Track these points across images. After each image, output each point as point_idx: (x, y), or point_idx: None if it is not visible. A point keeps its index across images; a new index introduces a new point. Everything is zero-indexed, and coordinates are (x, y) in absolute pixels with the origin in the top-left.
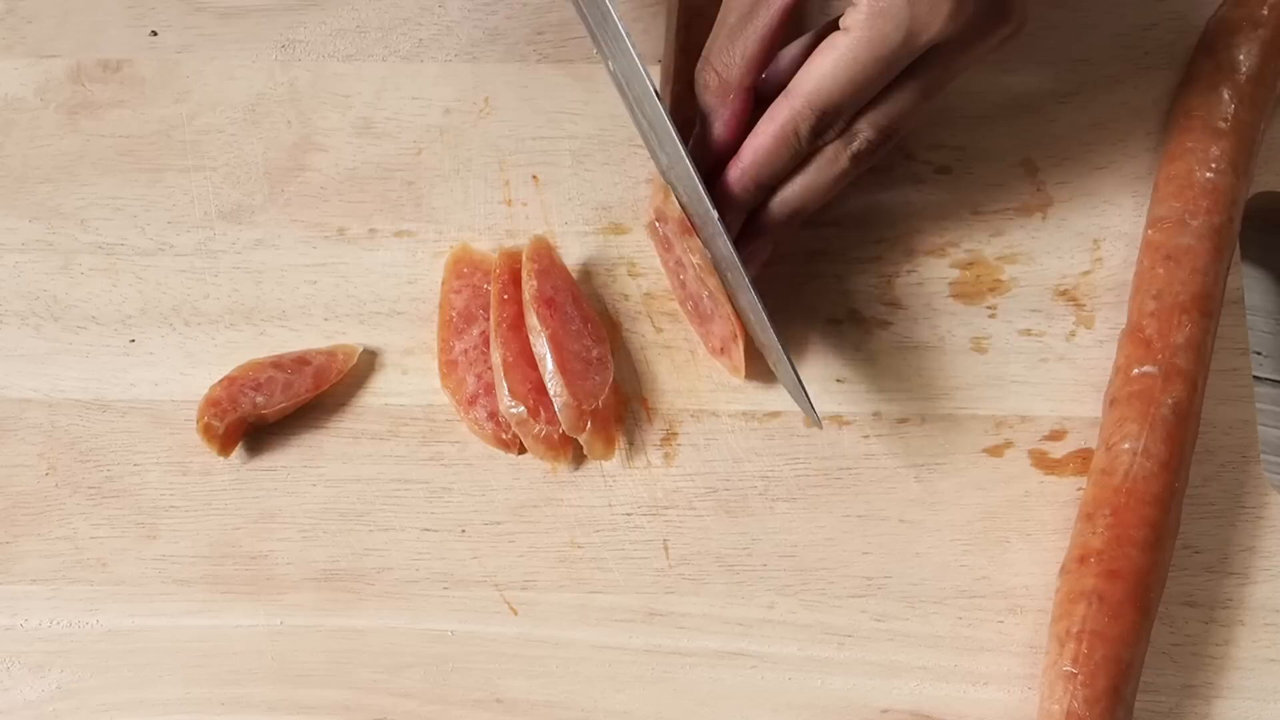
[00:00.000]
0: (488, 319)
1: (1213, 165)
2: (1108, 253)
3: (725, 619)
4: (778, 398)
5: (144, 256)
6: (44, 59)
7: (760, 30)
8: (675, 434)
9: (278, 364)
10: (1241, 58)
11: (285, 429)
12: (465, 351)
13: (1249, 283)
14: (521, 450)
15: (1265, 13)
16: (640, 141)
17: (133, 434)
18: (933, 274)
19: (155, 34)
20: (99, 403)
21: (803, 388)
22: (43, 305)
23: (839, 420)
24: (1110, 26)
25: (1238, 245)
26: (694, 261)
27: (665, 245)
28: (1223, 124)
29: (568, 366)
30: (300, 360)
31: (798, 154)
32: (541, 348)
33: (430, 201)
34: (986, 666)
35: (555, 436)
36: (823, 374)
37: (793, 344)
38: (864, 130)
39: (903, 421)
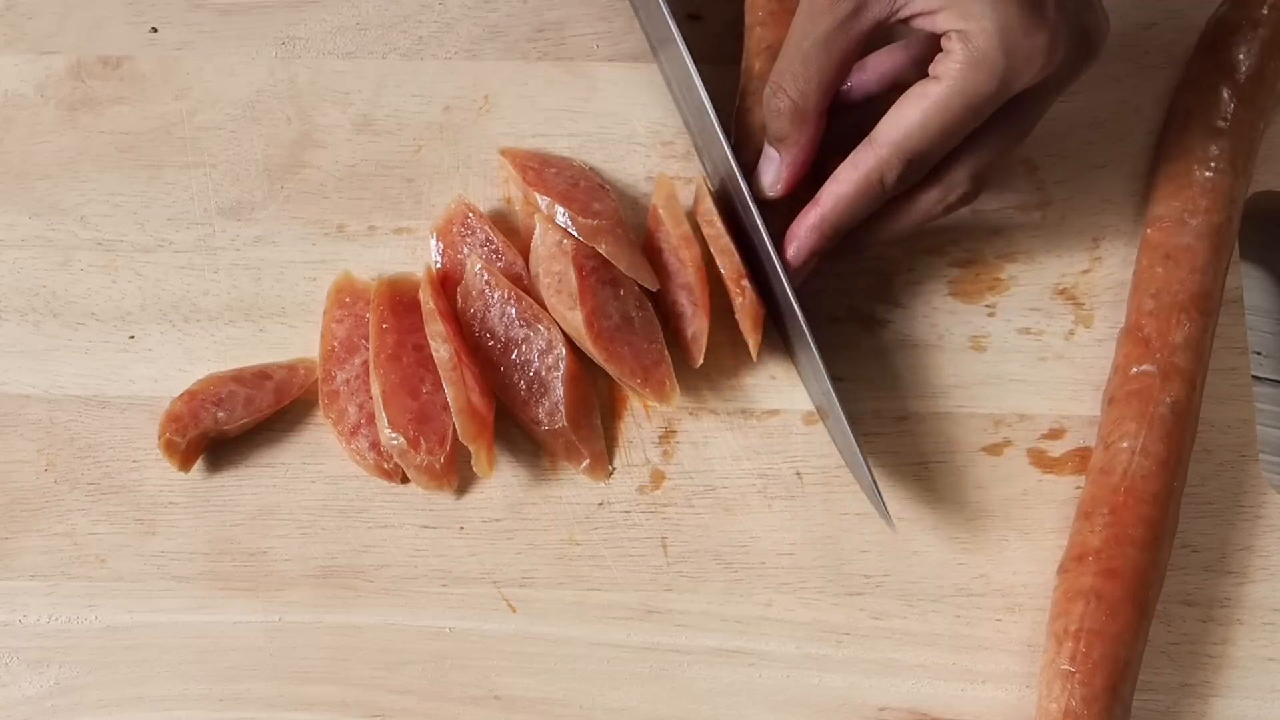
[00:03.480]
0: (369, 349)
1: (1212, 164)
2: (1107, 251)
3: (723, 616)
4: (776, 396)
5: (143, 253)
6: (44, 55)
7: (838, 55)
8: (674, 432)
9: (239, 378)
10: (1241, 57)
11: (284, 425)
12: (347, 381)
13: (1248, 282)
14: (404, 480)
15: (1265, 12)
16: (639, 140)
17: (132, 430)
18: (932, 272)
19: (155, 30)
20: (98, 399)
21: (876, 488)
22: (42, 301)
23: None
24: (1110, 26)
25: (1236, 244)
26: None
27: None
28: (1222, 123)
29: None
30: (261, 374)
31: (879, 201)
32: (444, 351)
33: (430, 199)
34: (984, 665)
35: (436, 466)
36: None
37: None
38: (962, 183)
39: (901, 419)
